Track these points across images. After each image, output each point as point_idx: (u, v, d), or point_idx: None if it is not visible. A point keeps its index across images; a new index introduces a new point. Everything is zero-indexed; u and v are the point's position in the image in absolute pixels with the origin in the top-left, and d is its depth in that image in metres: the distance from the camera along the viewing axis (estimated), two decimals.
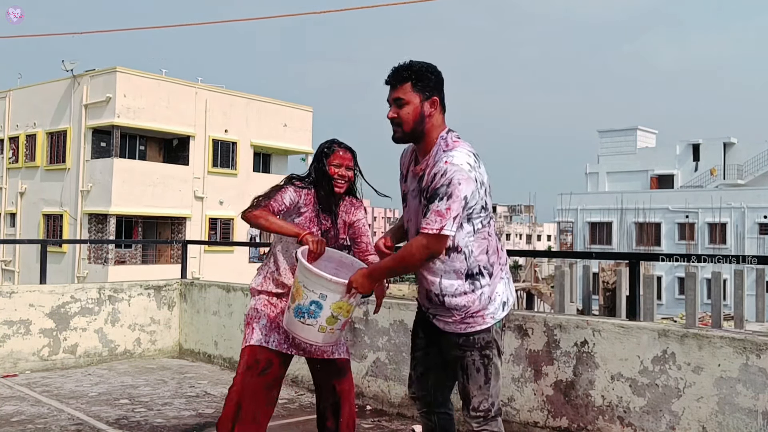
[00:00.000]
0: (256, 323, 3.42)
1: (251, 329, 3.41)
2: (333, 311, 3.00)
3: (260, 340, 3.37)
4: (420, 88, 2.79)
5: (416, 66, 2.82)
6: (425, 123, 2.81)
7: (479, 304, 2.80)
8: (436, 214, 2.65)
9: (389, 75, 2.84)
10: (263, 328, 3.39)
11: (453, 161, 2.68)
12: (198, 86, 29.99)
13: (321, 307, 3.01)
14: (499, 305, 2.85)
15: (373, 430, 4.53)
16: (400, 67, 2.82)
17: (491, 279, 2.83)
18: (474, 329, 2.81)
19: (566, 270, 27.20)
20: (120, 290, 6.71)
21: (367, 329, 5.08)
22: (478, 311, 2.81)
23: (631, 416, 3.70)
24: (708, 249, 38.34)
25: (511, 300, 2.94)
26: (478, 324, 2.81)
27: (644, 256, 13.59)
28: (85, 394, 5.36)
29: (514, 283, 20.44)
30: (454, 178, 2.65)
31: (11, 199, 31.13)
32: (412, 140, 2.88)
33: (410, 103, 2.79)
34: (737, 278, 26.56)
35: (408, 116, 2.80)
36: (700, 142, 44.55)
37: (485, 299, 2.81)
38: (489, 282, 2.83)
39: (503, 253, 2.95)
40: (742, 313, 25.83)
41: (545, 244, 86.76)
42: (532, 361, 4.13)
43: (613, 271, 30.73)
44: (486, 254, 2.83)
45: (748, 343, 3.34)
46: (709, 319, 26.80)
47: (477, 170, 2.73)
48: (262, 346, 3.36)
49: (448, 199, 2.64)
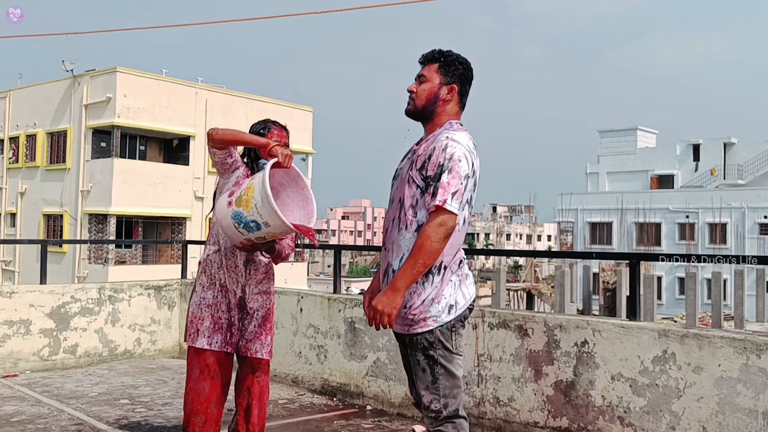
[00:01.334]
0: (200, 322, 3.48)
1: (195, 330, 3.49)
2: (267, 235, 3.20)
3: (204, 343, 3.46)
4: (444, 71, 2.86)
5: (449, 52, 2.90)
6: (437, 105, 2.85)
7: (420, 306, 2.75)
8: (441, 187, 2.66)
9: (423, 54, 2.93)
10: (207, 330, 3.47)
11: (454, 137, 2.74)
12: (198, 86, 30.00)
13: (259, 229, 3.16)
14: (444, 308, 2.77)
15: (373, 430, 4.53)
16: (435, 50, 2.90)
17: (441, 280, 2.77)
18: (416, 330, 2.77)
19: (566, 270, 27.22)
20: (120, 290, 6.71)
21: (367, 329, 5.08)
22: (419, 313, 2.75)
23: (631, 416, 3.70)
24: (708, 249, 38.33)
25: (462, 302, 2.83)
26: (419, 326, 2.75)
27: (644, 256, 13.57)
28: (86, 394, 5.36)
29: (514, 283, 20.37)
30: (456, 154, 2.69)
31: (11, 199, 31.13)
32: (421, 119, 2.91)
33: (429, 81, 2.86)
34: (737, 278, 26.58)
35: (423, 92, 2.87)
36: (700, 142, 44.54)
37: (428, 301, 2.76)
38: (438, 282, 2.77)
39: (461, 252, 2.90)
40: (743, 313, 25.85)
41: (545, 244, 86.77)
42: (532, 361, 4.13)
43: (614, 271, 30.74)
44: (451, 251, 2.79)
45: (748, 343, 3.34)
46: (709, 319, 26.80)
47: (474, 158, 2.78)
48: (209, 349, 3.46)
49: (449, 173, 2.67)
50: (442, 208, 2.65)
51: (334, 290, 5.69)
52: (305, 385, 5.51)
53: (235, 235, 3.24)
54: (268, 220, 3.10)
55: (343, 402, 5.18)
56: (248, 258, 3.51)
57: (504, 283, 29.16)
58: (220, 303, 3.50)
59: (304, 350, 5.55)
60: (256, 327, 3.56)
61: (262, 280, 3.59)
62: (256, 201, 3.10)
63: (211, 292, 3.50)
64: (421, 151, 2.80)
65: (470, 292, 2.89)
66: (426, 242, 2.66)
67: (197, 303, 3.51)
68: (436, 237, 2.65)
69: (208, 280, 3.51)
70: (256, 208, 3.11)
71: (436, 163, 2.70)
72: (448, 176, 2.67)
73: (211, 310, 3.49)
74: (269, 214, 3.08)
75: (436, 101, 2.85)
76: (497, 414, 4.28)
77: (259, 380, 3.58)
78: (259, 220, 3.12)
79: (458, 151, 2.70)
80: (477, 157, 2.82)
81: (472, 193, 2.80)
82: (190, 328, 3.50)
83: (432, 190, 2.69)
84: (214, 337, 3.47)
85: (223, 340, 3.48)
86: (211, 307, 3.49)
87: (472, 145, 2.80)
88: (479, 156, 2.86)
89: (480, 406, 4.35)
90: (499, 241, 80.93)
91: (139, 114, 27.63)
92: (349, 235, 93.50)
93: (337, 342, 5.31)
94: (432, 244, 2.65)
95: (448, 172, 2.67)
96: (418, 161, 2.77)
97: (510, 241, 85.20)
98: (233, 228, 3.21)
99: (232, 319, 3.51)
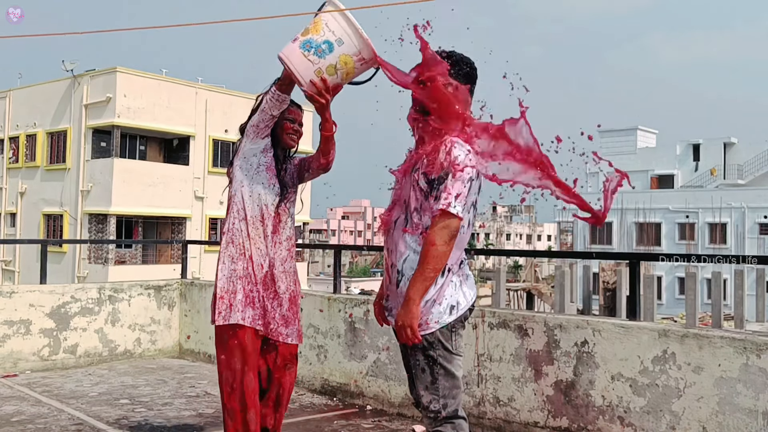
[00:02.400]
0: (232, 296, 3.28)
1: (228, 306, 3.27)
2: (339, 62, 2.96)
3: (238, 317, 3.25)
4: (459, 74, 2.83)
5: (452, 53, 2.88)
6: (447, 111, 2.82)
7: (422, 308, 2.73)
8: (444, 190, 2.67)
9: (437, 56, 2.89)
10: (240, 303, 3.27)
11: (460, 142, 2.73)
12: (198, 86, 30.00)
13: (332, 50, 2.95)
14: (445, 309, 2.77)
15: (373, 430, 4.53)
16: (440, 52, 2.87)
17: (443, 281, 2.77)
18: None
19: (566, 270, 27.22)
20: (120, 290, 6.71)
21: (368, 329, 5.08)
22: (421, 314, 2.73)
23: (631, 416, 3.70)
24: (708, 249, 38.33)
25: (463, 303, 2.83)
26: (420, 328, 2.74)
27: (644, 256, 13.58)
28: (86, 394, 5.36)
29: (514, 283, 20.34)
30: (460, 157, 2.69)
31: (11, 199, 31.14)
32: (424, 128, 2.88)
33: (439, 87, 2.81)
34: (737, 278, 26.57)
35: (432, 95, 2.82)
36: (700, 142, 44.55)
37: (430, 302, 2.75)
38: (441, 283, 2.76)
39: (462, 253, 2.89)
40: (743, 313, 25.83)
41: (545, 244, 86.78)
42: (532, 361, 4.13)
43: (614, 271, 30.73)
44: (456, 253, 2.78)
45: (748, 343, 3.34)
46: (709, 319, 26.80)
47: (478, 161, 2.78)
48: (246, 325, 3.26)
49: (453, 177, 2.66)
50: (446, 211, 2.65)
51: (334, 290, 5.69)
52: (305, 385, 5.51)
53: (305, 68, 2.97)
54: (342, 36, 2.93)
55: (343, 402, 5.17)
56: (275, 226, 3.34)
57: (504, 283, 29.16)
58: (251, 276, 3.29)
59: (304, 350, 5.55)
60: (285, 311, 3.38)
61: (287, 259, 3.41)
62: (326, 20, 2.95)
63: (241, 263, 3.30)
64: (427, 154, 2.77)
65: (471, 293, 2.88)
66: (432, 248, 2.66)
67: (227, 276, 3.29)
68: (441, 241, 2.66)
69: (237, 250, 3.31)
70: (327, 26, 2.95)
71: (441, 167, 2.69)
72: (452, 179, 2.66)
73: (242, 282, 3.28)
74: (344, 26, 2.92)
75: (446, 109, 2.81)
76: (497, 414, 4.28)
77: (290, 372, 3.44)
78: (331, 38, 2.93)
79: (463, 155, 2.70)
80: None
81: (476, 196, 2.80)
82: (220, 304, 3.27)
83: (436, 193, 2.69)
84: (247, 312, 3.26)
85: (254, 317, 3.28)
86: (242, 279, 3.28)
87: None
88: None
89: (480, 405, 4.35)
90: (499, 240, 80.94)
91: (139, 114, 27.63)
92: (349, 235, 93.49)
93: (337, 342, 5.31)
94: (438, 248, 2.66)
95: (452, 175, 2.67)
96: (423, 164, 2.76)
97: (510, 241, 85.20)
98: (303, 60, 2.96)
99: (261, 297, 3.31)
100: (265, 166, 3.37)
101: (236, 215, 3.33)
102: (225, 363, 3.29)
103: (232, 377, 3.27)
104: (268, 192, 3.34)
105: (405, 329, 2.70)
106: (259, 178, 3.34)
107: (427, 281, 2.68)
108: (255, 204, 3.32)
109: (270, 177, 3.37)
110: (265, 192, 3.33)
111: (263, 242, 3.32)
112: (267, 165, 3.37)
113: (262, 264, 3.32)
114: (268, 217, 3.32)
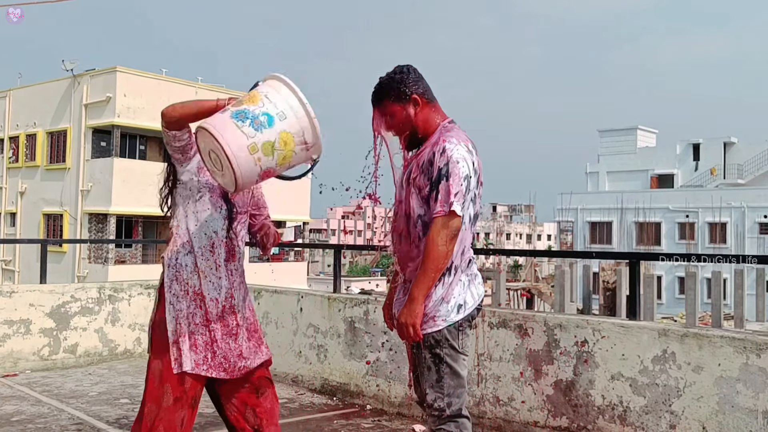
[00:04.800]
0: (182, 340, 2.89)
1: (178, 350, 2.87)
2: (279, 140, 2.53)
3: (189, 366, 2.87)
4: (395, 97, 2.86)
5: (381, 82, 2.90)
6: (418, 122, 2.88)
7: (430, 305, 2.76)
8: (442, 190, 2.69)
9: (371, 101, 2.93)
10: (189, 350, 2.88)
11: (451, 139, 2.76)
12: (198, 86, 29.97)
13: (271, 124, 2.51)
14: (453, 308, 2.79)
15: (373, 430, 4.53)
16: (374, 90, 2.91)
17: (451, 280, 2.79)
18: (425, 330, 2.78)
19: (566, 269, 27.21)
20: (120, 290, 6.71)
21: (368, 329, 5.09)
22: (428, 312, 2.77)
23: (631, 416, 3.70)
24: (708, 249, 38.33)
25: (470, 302, 2.85)
26: (428, 326, 2.77)
27: (644, 255, 13.60)
28: (86, 393, 5.36)
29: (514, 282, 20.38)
30: (454, 156, 2.71)
31: (11, 198, 31.12)
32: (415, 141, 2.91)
33: (395, 115, 2.88)
34: (737, 278, 26.56)
35: (400, 125, 2.89)
36: (700, 141, 44.55)
37: (438, 301, 2.78)
38: (449, 281, 2.79)
39: (470, 252, 2.91)
40: (742, 312, 25.82)
41: (545, 243, 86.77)
42: (532, 361, 4.13)
43: (614, 270, 30.73)
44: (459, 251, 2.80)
45: (748, 342, 3.34)
46: (709, 318, 26.79)
47: (474, 157, 2.80)
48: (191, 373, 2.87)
49: (449, 176, 2.68)
50: (446, 211, 2.67)
51: (334, 290, 5.69)
52: (305, 384, 5.51)
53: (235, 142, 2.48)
54: (285, 110, 2.54)
55: (343, 401, 5.18)
56: (228, 253, 2.98)
57: (504, 282, 29.15)
58: (204, 314, 2.92)
59: (304, 350, 5.55)
60: (248, 341, 3.01)
61: (241, 284, 3.06)
62: (266, 92, 2.58)
63: (186, 302, 2.92)
64: (420, 159, 2.81)
65: (479, 292, 2.91)
66: (433, 248, 2.68)
67: (174, 317, 2.90)
68: (441, 241, 2.68)
69: (181, 287, 2.92)
70: (267, 97, 2.56)
71: (437, 168, 2.72)
72: (449, 179, 2.69)
73: (192, 324, 2.90)
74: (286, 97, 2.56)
75: (414, 121, 2.87)
76: (497, 413, 4.28)
77: (266, 395, 3.05)
78: (272, 110, 2.52)
79: (456, 152, 2.72)
80: (476, 154, 2.83)
81: (476, 191, 2.81)
82: (172, 349, 2.87)
83: (434, 194, 2.71)
84: (199, 358, 2.89)
85: (207, 361, 2.90)
86: (191, 320, 2.91)
87: (470, 144, 2.81)
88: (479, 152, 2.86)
89: (480, 405, 4.35)
90: (499, 240, 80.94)
91: (139, 114, 27.61)
92: (349, 234, 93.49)
93: (337, 341, 5.31)
94: (439, 248, 2.68)
95: (448, 175, 2.69)
96: (420, 170, 2.79)
97: (510, 241, 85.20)
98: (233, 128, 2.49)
99: (214, 336, 2.92)
100: (208, 188, 2.98)
101: (181, 249, 2.95)
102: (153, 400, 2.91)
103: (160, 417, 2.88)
104: (217, 216, 2.97)
105: (407, 327, 2.72)
106: (204, 204, 2.96)
107: (429, 281, 2.71)
108: (203, 233, 2.94)
109: (215, 199, 2.98)
110: (212, 217, 2.96)
111: (215, 274, 2.94)
112: (209, 186, 2.98)
113: (216, 298, 2.93)
114: (219, 244, 2.95)
